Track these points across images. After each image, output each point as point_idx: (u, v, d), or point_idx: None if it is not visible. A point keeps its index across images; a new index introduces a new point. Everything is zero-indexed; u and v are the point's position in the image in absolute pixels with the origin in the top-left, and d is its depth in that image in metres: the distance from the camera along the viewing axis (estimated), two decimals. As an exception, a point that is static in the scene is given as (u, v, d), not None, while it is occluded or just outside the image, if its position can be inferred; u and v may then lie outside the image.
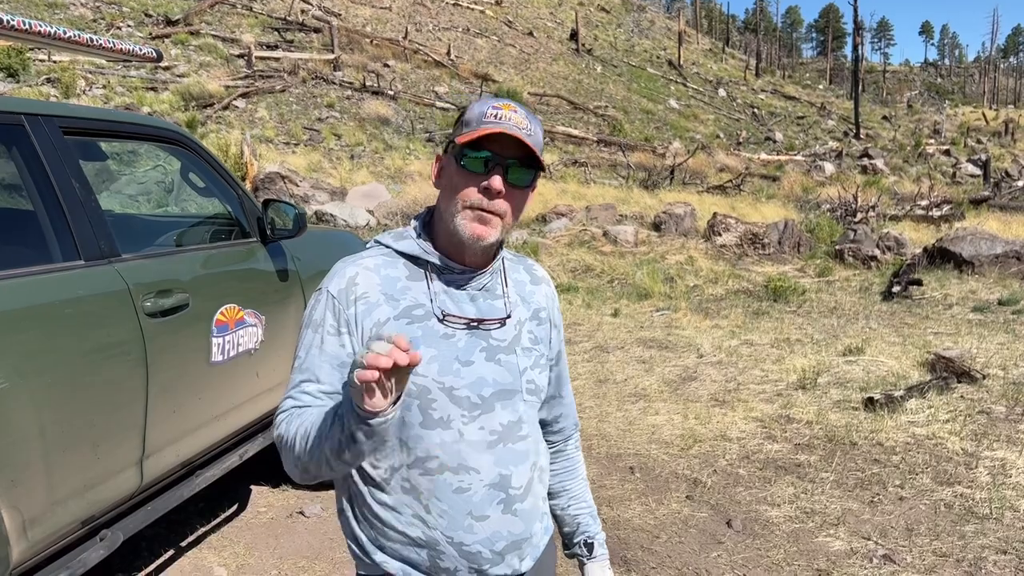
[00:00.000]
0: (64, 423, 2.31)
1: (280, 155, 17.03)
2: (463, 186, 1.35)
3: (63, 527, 2.37)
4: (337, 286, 1.40)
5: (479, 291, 1.44)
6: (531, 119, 1.37)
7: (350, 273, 1.41)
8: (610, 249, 12.21)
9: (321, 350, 1.38)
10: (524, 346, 1.47)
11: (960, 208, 16.90)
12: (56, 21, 22.25)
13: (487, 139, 1.32)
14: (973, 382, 5.73)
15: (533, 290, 1.56)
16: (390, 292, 1.40)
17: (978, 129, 44.53)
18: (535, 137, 1.35)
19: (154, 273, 2.80)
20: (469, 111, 1.38)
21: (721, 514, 3.91)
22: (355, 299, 1.38)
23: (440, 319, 1.39)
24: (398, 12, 36.50)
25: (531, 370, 1.47)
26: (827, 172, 25.58)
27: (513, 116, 1.34)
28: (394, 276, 1.41)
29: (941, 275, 10.41)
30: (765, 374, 6.32)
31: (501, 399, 1.41)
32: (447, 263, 1.41)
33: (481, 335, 1.42)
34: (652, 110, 35.94)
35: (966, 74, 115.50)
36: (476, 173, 1.34)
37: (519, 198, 1.39)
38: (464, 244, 1.37)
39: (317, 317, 1.40)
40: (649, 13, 68.00)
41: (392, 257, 1.44)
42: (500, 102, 1.37)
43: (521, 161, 1.35)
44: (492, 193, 1.34)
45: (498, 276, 1.49)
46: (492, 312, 1.44)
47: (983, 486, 4.13)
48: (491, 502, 1.39)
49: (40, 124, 2.53)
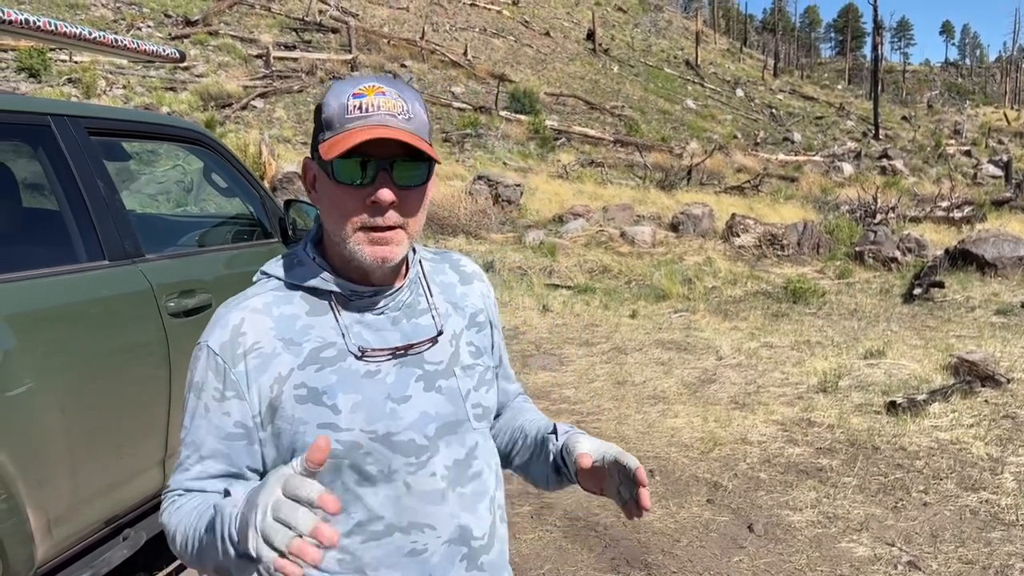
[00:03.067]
0: (89, 423, 2.32)
1: (298, 155, 17.09)
2: (347, 204, 1.09)
3: (87, 526, 2.38)
4: (219, 339, 1.12)
5: (399, 311, 1.20)
6: (406, 96, 1.10)
7: (233, 321, 1.13)
8: (627, 250, 12.17)
9: (206, 419, 1.13)
10: (464, 364, 1.24)
11: (981, 209, 16.74)
12: (78, 22, 22.46)
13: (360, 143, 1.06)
14: (997, 386, 5.65)
15: (465, 292, 1.32)
16: (288, 336, 1.13)
17: (999, 129, 44.10)
18: (416, 119, 1.09)
19: (177, 273, 2.81)
20: (327, 106, 1.10)
21: (742, 518, 3.88)
22: (243, 353, 1.11)
23: (358, 356, 1.14)
24: (415, 12, 36.58)
25: (475, 391, 1.24)
26: (846, 173, 25.42)
27: (382, 101, 1.07)
28: (291, 314, 1.15)
29: (963, 277, 10.30)
30: (785, 377, 6.27)
31: (444, 435, 1.18)
32: (353, 288, 1.16)
33: (413, 362, 1.18)
34: (669, 110, 35.83)
35: (987, 74, 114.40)
36: (356, 185, 1.08)
37: (416, 198, 1.12)
38: (367, 269, 1.13)
39: (198, 379, 1.14)
40: (666, 13, 67.82)
41: (285, 291, 1.17)
42: (362, 84, 1.09)
43: (406, 155, 1.09)
44: (383, 208, 1.08)
45: (418, 286, 1.24)
46: (420, 333, 1.20)
47: (1009, 492, 4.07)
48: (453, 560, 1.18)
49: (66, 124, 2.54)
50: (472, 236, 12.43)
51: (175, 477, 1.16)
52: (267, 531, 0.89)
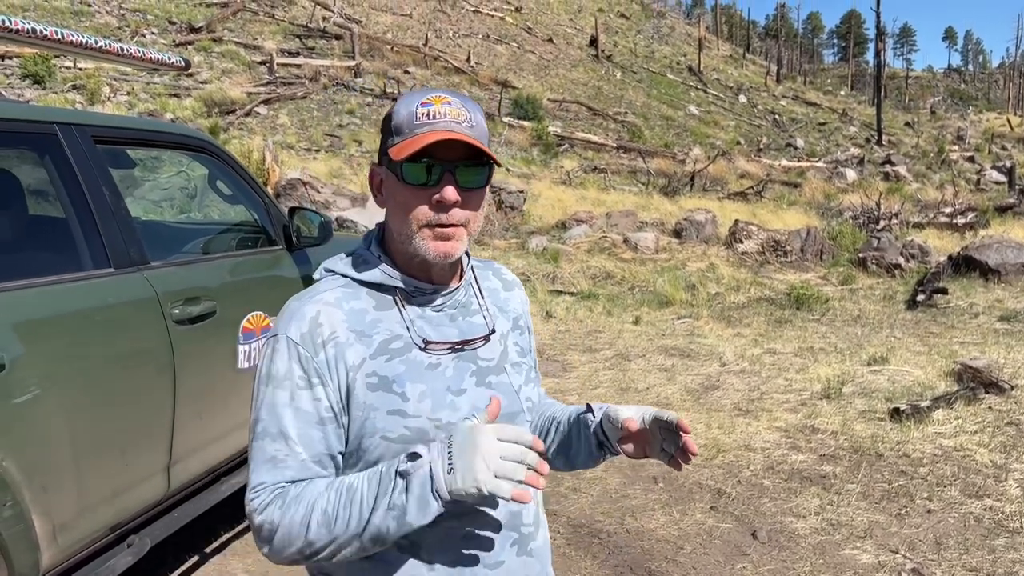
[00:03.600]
0: (94, 430, 2.33)
1: (301, 161, 17.13)
2: (413, 203, 1.19)
3: (92, 533, 2.39)
4: (298, 330, 1.19)
5: (456, 309, 1.29)
6: (468, 106, 1.20)
7: (310, 313, 1.21)
8: (630, 256, 12.17)
9: (295, 409, 1.17)
10: (513, 361, 1.33)
11: (985, 215, 16.73)
12: (82, 28, 22.55)
13: (427, 145, 1.15)
14: (1001, 393, 5.64)
15: (508, 297, 1.42)
16: (359, 328, 1.21)
17: (1003, 135, 44.07)
18: (479, 128, 1.19)
19: (182, 281, 2.82)
20: (396, 113, 1.20)
21: (746, 525, 3.88)
22: (322, 342, 1.18)
23: (422, 348, 1.23)
24: (419, 19, 36.69)
25: (525, 387, 1.34)
26: (849, 179, 25.40)
27: (448, 110, 1.17)
28: (360, 308, 1.23)
29: (966, 284, 10.28)
30: (789, 383, 6.26)
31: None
32: (416, 285, 1.25)
33: (468, 358, 1.27)
34: (672, 116, 35.86)
35: (990, 80, 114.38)
36: (422, 185, 1.18)
37: (477, 200, 1.22)
38: (430, 264, 1.22)
39: (280, 370, 1.18)
40: (669, 19, 67.94)
41: (352, 287, 1.25)
42: (430, 95, 1.20)
43: (468, 160, 1.18)
44: (447, 206, 1.18)
45: (472, 289, 1.34)
46: (474, 331, 1.29)
47: (1013, 499, 4.06)
48: (504, 546, 1.24)
49: (72, 133, 2.55)
50: (476, 242, 12.44)
51: (268, 473, 1.17)
52: (502, 470, 1.06)
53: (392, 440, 1.18)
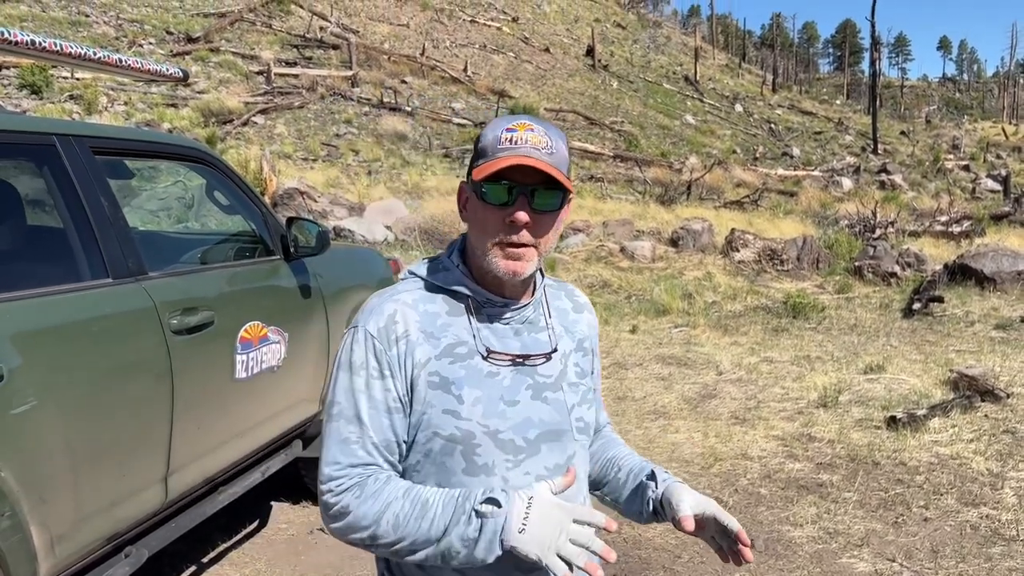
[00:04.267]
0: (91, 440, 2.33)
1: (299, 171, 17.16)
2: (489, 220, 1.27)
3: (89, 544, 2.39)
4: (376, 325, 1.30)
5: (522, 324, 1.36)
6: (551, 134, 1.27)
7: (388, 310, 1.31)
8: (627, 265, 12.20)
9: (369, 396, 1.28)
10: (571, 381, 1.39)
11: (980, 224, 16.77)
12: (79, 39, 22.59)
13: (506, 168, 1.23)
14: (997, 401, 5.66)
15: (576, 319, 1.48)
16: (430, 330, 1.30)
17: (998, 144, 44.24)
18: (558, 155, 1.26)
19: (180, 291, 2.82)
20: (483, 137, 1.29)
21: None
22: (396, 339, 1.28)
23: (484, 356, 1.30)
24: (416, 29, 36.80)
25: (579, 407, 1.39)
26: (845, 188, 25.48)
27: (530, 136, 1.24)
28: (433, 312, 1.32)
29: (962, 292, 10.31)
30: (785, 392, 6.27)
31: (548, 440, 1.33)
32: (488, 297, 1.33)
33: (527, 372, 1.33)
34: (668, 125, 35.96)
35: (985, 89, 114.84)
36: (500, 205, 1.25)
37: (549, 223, 1.29)
38: (501, 279, 1.30)
39: (357, 359, 1.29)
40: (665, 29, 68.21)
41: (429, 291, 1.35)
42: (515, 121, 1.27)
43: (546, 184, 1.25)
44: (518, 227, 1.25)
45: (541, 307, 1.41)
46: (537, 346, 1.36)
47: (1009, 507, 4.07)
48: None
49: (71, 144, 2.56)
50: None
51: (340, 453, 1.27)
52: (565, 552, 1.15)
53: (443, 438, 1.28)
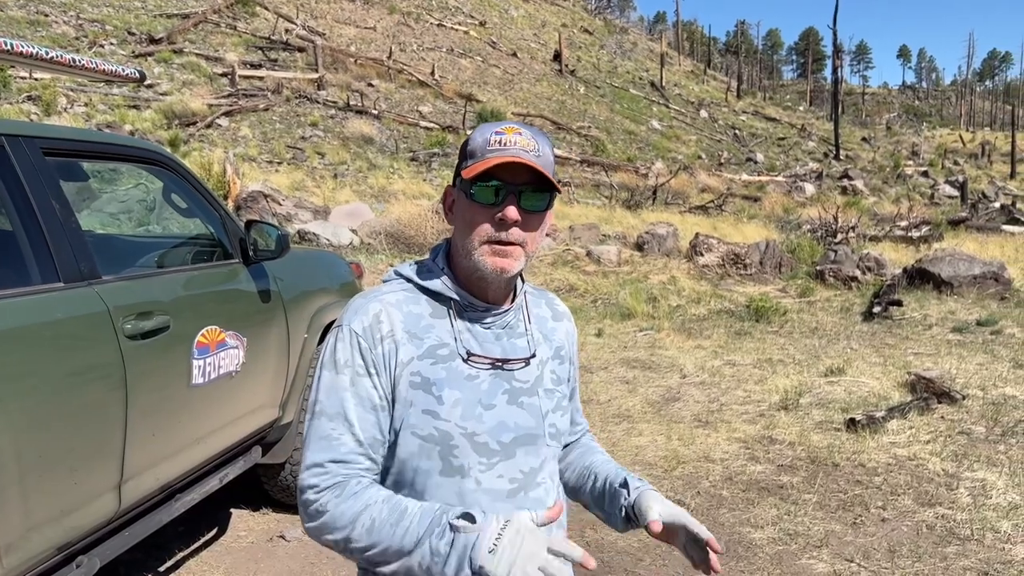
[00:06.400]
0: (41, 447, 2.28)
1: (263, 174, 16.98)
2: (478, 220, 1.30)
3: (39, 553, 2.33)
4: (361, 324, 1.32)
5: (503, 329, 1.39)
6: (538, 138, 1.32)
7: (374, 310, 1.33)
8: (593, 269, 12.24)
9: (351, 392, 1.29)
10: (547, 387, 1.42)
11: (939, 229, 17.12)
12: (38, 39, 22.17)
13: (495, 168, 1.26)
14: (953, 403, 5.77)
15: (555, 327, 1.51)
16: (413, 330, 1.33)
17: (955, 151, 45.26)
18: (545, 158, 1.30)
19: (135, 295, 2.77)
20: (472, 140, 1.33)
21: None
22: (380, 338, 1.31)
23: (465, 359, 1.33)
24: (382, 32, 36.65)
25: (553, 413, 1.42)
26: (808, 193, 25.85)
27: (518, 139, 1.29)
28: (417, 313, 1.35)
29: (920, 295, 10.51)
30: (748, 395, 6.34)
31: (523, 444, 1.36)
32: (471, 301, 1.36)
33: (504, 376, 1.36)
34: (634, 131, 36.21)
35: (943, 97, 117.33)
36: (488, 205, 1.29)
37: (536, 223, 1.33)
38: (487, 279, 1.33)
39: (342, 357, 1.31)
40: (631, 35, 68.77)
41: (413, 292, 1.38)
42: (503, 125, 1.32)
43: (534, 185, 1.30)
44: (507, 224, 1.29)
45: (520, 313, 1.44)
46: (516, 352, 1.39)
47: (964, 507, 4.15)
48: None
49: (20, 145, 2.50)
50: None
51: (321, 451, 1.28)
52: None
53: (421, 437, 1.30)
